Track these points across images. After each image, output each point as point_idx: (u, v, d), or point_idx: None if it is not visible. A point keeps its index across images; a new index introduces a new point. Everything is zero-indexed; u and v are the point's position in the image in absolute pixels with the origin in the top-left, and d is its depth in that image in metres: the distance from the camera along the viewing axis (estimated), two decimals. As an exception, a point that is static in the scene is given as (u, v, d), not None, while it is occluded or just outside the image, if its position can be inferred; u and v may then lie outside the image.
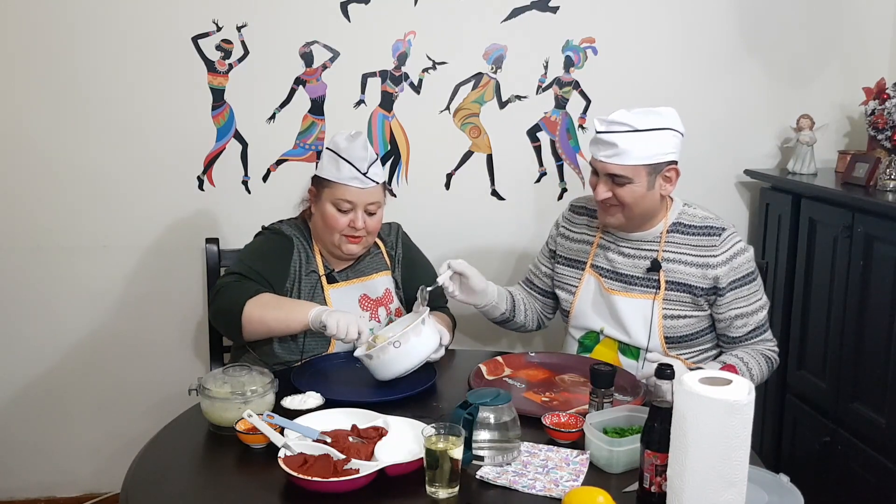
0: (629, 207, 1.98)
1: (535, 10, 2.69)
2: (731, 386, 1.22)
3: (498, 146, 2.78)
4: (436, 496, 1.39)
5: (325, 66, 2.64)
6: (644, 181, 1.95)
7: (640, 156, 1.93)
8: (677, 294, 2.01)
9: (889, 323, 2.24)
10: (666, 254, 2.03)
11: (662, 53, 2.79)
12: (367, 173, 2.01)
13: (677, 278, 2.01)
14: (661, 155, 1.95)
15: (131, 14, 2.52)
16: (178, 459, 1.59)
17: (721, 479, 1.21)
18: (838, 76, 2.89)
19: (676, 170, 2.00)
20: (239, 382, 1.67)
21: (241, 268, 2.02)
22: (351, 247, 2.06)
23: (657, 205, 2.02)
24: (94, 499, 2.77)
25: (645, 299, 2.02)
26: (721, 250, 1.99)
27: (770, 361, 2.04)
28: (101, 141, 2.58)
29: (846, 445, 2.42)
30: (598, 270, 2.11)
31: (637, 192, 1.96)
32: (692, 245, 2.02)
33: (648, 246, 2.05)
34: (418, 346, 1.82)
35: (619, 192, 1.96)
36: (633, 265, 2.06)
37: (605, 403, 1.64)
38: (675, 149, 1.98)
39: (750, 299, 2.02)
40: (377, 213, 2.07)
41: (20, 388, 2.70)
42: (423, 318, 1.85)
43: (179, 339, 2.73)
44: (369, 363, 1.83)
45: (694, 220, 2.05)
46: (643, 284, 2.04)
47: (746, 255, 2.01)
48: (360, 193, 2.02)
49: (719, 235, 2.01)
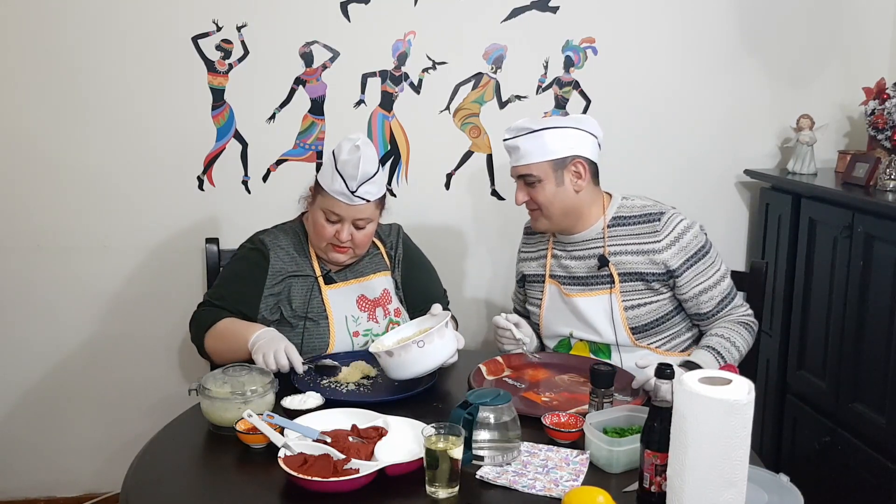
0: (546, 208, 2.06)
1: (535, 10, 2.69)
2: (731, 386, 1.22)
3: (498, 146, 2.77)
4: (436, 496, 1.39)
5: (325, 66, 2.65)
6: (552, 178, 2.03)
7: (541, 153, 2.02)
8: (631, 284, 2.05)
9: (889, 323, 2.24)
10: (611, 248, 2.07)
11: (662, 53, 2.79)
12: (356, 192, 1.98)
13: (627, 269, 2.05)
14: (561, 150, 2.03)
15: (131, 14, 2.52)
16: (178, 459, 1.59)
17: (721, 478, 1.21)
18: (838, 76, 2.89)
19: (583, 163, 2.05)
20: (239, 382, 1.67)
21: (210, 294, 2.08)
22: (336, 255, 2.06)
23: (577, 202, 2.07)
24: (94, 499, 2.77)
25: (602, 295, 2.07)
26: (664, 234, 2.03)
27: (749, 328, 2.06)
28: (102, 141, 2.59)
29: (846, 445, 2.42)
30: (556, 279, 2.16)
31: (548, 190, 2.04)
32: (634, 234, 2.06)
33: (594, 244, 2.10)
34: (440, 349, 1.81)
35: (532, 194, 2.06)
36: (584, 265, 2.11)
37: (605, 403, 1.65)
38: (577, 145, 2.04)
39: (708, 273, 2.05)
40: (367, 228, 2.05)
41: (20, 388, 2.70)
42: (446, 321, 1.84)
43: (179, 339, 2.73)
44: (388, 360, 1.80)
45: (633, 210, 2.10)
46: (598, 282, 2.08)
47: (692, 231, 2.04)
48: (348, 209, 2.00)
49: (659, 220, 2.05)
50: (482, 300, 2.89)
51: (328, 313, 2.06)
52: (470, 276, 2.85)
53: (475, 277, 2.87)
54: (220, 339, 1.95)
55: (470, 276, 2.85)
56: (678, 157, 2.85)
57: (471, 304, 2.86)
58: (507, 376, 1.93)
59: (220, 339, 1.95)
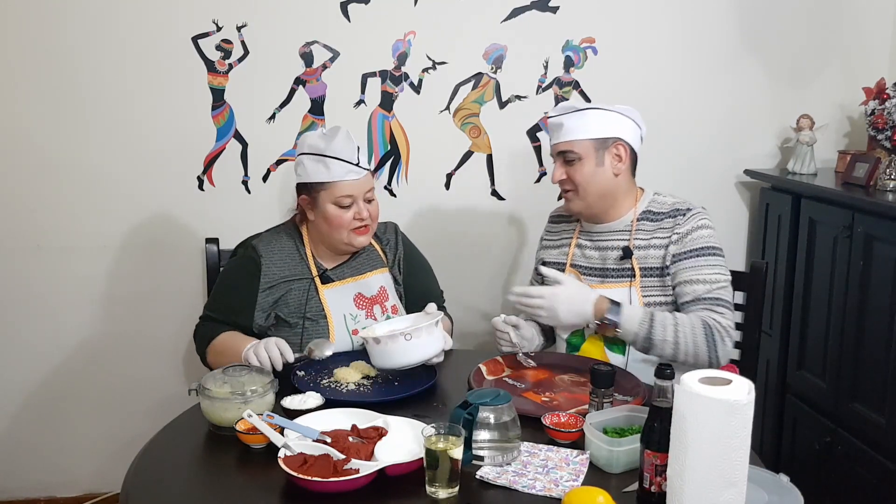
0: (583, 187, 2.04)
1: (535, 10, 2.70)
2: (731, 386, 1.22)
3: (498, 146, 2.78)
4: (436, 496, 1.39)
5: (325, 66, 2.65)
6: (592, 157, 2.02)
7: (584, 131, 2.02)
8: (651, 280, 2.04)
9: (889, 323, 2.24)
10: (637, 241, 2.06)
11: (662, 53, 2.79)
12: (359, 163, 2.03)
13: (649, 263, 2.04)
14: (605, 130, 2.03)
15: (131, 14, 2.52)
16: (178, 459, 1.59)
17: (721, 478, 1.21)
18: (838, 76, 2.89)
19: (625, 147, 2.05)
20: (239, 382, 1.67)
21: (208, 307, 2.12)
22: (360, 239, 2.08)
23: (613, 186, 2.06)
24: (94, 499, 2.77)
25: (622, 288, 2.05)
26: (682, 228, 2.02)
27: (708, 328, 1.90)
28: (101, 141, 2.59)
29: (846, 445, 2.42)
30: (577, 269, 2.14)
31: (587, 169, 2.02)
32: (661, 228, 2.05)
33: (619, 235, 2.09)
34: (425, 345, 1.83)
35: (570, 172, 2.04)
36: (606, 256, 2.09)
37: (605, 403, 1.64)
38: (621, 129, 2.05)
39: (702, 271, 1.98)
40: (374, 200, 2.10)
41: (20, 387, 2.71)
42: (437, 320, 1.86)
43: (179, 339, 2.73)
44: (374, 347, 1.83)
45: (663, 206, 2.09)
46: (618, 275, 2.07)
47: (704, 231, 2.02)
48: (357, 185, 2.04)
49: (684, 215, 2.04)
50: (481, 300, 2.89)
51: (326, 312, 2.06)
52: (469, 276, 2.85)
53: (475, 277, 2.86)
54: (220, 355, 1.99)
55: (469, 276, 2.85)
56: (678, 157, 2.85)
57: (470, 304, 2.86)
58: (507, 376, 1.93)
59: (220, 354, 1.99)
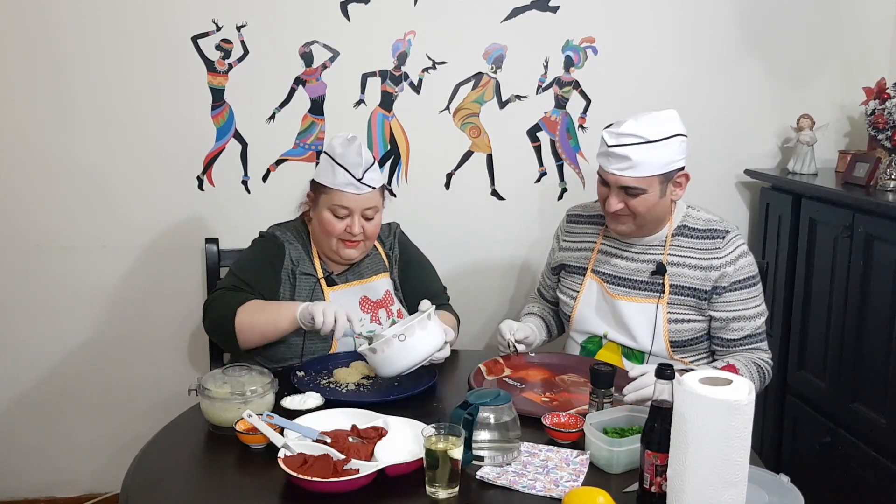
0: (641, 216, 1.98)
1: (535, 9, 2.69)
2: (731, 386, 1.22)
3: (498, 146, 2.78)
4: (436, 496, 1.39)
5: (324, 66, 2.64)
6: (657, 190, 1.94)
7: (654, 166, 1.91)
8: (682, 298, 2.01)
9: (889, 323, 2.24)
10: (671, 257, 2.02)
11: (662, 53, 2.79)
12: (363, 179, 1.98)
13: (682, 282, 2.00)
14: (673, 163, 1.94)
15: (131, 14, 2.52)
16: (178, 459, 1.59)
17: (721, 479, 1.21)
18: (838, 76, 2.89)
19: (686, 175, 2.01)
20: (238, 382, 1.67)
21: (230, 280, 2.04)
22: (349, 251, 2.05)
23: (666, 209, 2.02)
24: (94, 499, 2.77)
25: (649, 303, 2.02)
26: (725, 252, 1.99)
27: (762, 372, 1.98)
28: (101, 141, 2.58)
29: (846, 445, 2.42)
30: (600, 275, 2.10)
31: (650, 201, 1.95)
32: (696, 248, 2.02)
33: (654, 250, 2.05)
34: (423, 341, 1.80)
35: (631, 204, 1.95)
36: (637, 269, 2.05)
37: (605, 403, 1.64)
38: (683, 154, 1.98)
39: (749, 303, 2.00)
40: (375, 218, 2.05)
41: (20, 388, 2.70)
42: (428, 313, 1.83)
43: (179, 339, 2.73)
44: (373, 358, 1.81)
45: (698, 223, 2.05)
46: (647, 288, 2.03)
47: (749, 258, 2.01)
48: (356, 199, 2.00)
49: (723, 238, 2.01)
50: (482, 300, 2.88)
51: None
52: (470, 276, 2.85)
53: (475, 278, 2.86)
54: (258, 312, 1.93)
55: (470, 276, 2.85)
56: (678, 157, 2.85)
57: (471, 304, 2.85)
58: (507, 376, 1.93)
59: (259, 311, 1.93)
